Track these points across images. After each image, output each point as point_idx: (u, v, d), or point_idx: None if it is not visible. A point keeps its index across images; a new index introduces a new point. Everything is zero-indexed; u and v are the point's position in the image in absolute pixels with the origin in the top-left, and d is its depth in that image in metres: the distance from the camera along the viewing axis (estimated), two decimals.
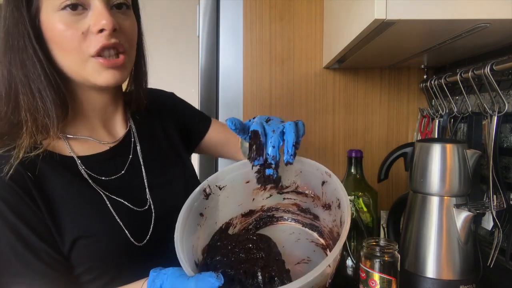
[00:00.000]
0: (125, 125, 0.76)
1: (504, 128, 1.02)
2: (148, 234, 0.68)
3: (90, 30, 0.60)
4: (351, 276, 0.98)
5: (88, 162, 0.67)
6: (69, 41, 0.60)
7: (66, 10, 0.59)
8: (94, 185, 0.66)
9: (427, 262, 0.88)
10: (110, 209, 0.65)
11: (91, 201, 0.65)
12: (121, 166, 0.71)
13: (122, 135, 0.75)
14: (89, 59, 0.62)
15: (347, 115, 1.47)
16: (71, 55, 0.61)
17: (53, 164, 0.63)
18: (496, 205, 0.91)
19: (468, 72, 0.99)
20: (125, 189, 0.69)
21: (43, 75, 0.61)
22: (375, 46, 0.96)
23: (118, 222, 0.65)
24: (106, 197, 0.66)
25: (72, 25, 0.60)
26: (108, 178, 0.68)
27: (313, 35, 1.44)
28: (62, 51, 0.62)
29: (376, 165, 1.05)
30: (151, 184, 0.73)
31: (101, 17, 0.59)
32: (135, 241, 0.66)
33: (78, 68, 0.62)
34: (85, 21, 0.60)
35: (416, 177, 0.93)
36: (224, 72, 1.44)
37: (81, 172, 0.66)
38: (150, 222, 0.70)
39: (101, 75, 0.62)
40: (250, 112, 1.46)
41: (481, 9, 0.71)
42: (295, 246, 0.70)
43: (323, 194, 0.66)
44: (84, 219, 0.63)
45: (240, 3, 1.43)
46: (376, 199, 1.03)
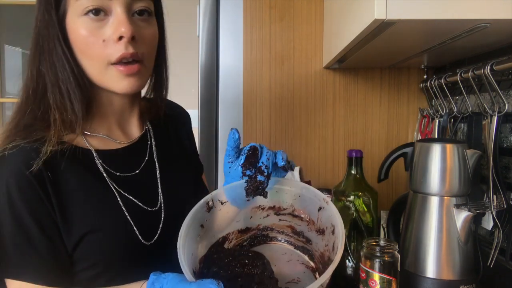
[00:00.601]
0: (140, 127, 0.78)
1: (504, 128, 1.02)
2: (157, 233, 0.70)
3: (110, 38, 0.62)
4: (351, 276, 0.98)
5: (104, 156, 0.69)
6: (91, 48, 0.62)
7: (88, 16, 0.61)
8: (109, 180, 0.68)
9: (427, 262, 0.88)
10: (121, 206, 0.67)
11: (104, 196, 0.66)
12: (136, 165, 0.73)
13: (137, 136, 0.77)
14: (109, 66, 0.63)
15: (347, 115, 1.47)
16: (93, 61, 0.64)
17: (71, 158, 0.65)
18: (496, 205, 0.91)
19: (468, 72, 0.99)
20: (138, 188, 0.71)
21: (72, 76, 0.63)
22: (375, 46, 0.96)
23: (128, 219, 0.66)
24: (118, 194, 0.67)
25: (94, 31, 0.61)
26: (122, 175, 0.70)
27: (313, 35, 1.44)
28: (85, 56, 0.64)
29: (376, 165, 1.05)
30: (163, 185, 0.75)
31: (121, 25, 0.61)
32: (143, 239, 0.67)
33: (98, 73, 0.65)
34: (106, 28, 0.62)
35: (416, 177, 0.93)
36: (224, 72, 1.44)
37: (98, 166, 0.68)
38: (159, 222, 0.71)
39: (120, 83, 0.64)
40: (250, 112, 1.46)
41: (481, 9, 0.71)
42: (286, 266, 0.71)
43: (318, 219, 0.68)
44: (94, 213, 0.65)
45: (240, 4, 1.43)
46: (376, 199, 1.03)
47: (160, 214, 0.72)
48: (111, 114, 0.72)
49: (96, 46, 0.62)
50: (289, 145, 1.48)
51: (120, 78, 0.64)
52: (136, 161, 0.74)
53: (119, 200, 0.67)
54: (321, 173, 1.48)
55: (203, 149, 1.44)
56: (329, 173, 1.48)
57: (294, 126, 1.47)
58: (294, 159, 1.48)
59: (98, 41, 0.62)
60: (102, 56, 0.62)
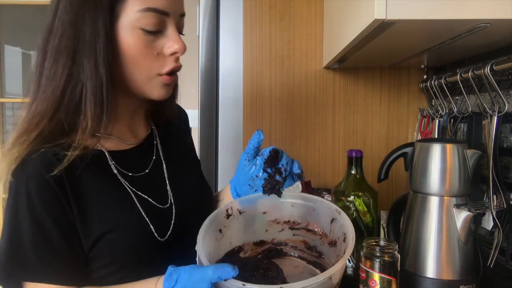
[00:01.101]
0: (146, 128, 0.81)
1: (504, 128, 1.02)
2: (169, 230, 0.72)
3: (163, 51, 0.66)
4: (351, 276, 0.98)
5: (116, 157, 0.71)
6: (144, 59, 0.65)
7: (144, 29, 0.64)
8: (123, 181, 0.69)
9: (427, 262, 0.88)
10: (137, 204, 0.69)
11: (120, 196, 0.68)
12: (145, 164, 0.76)
13: (143, 136, 0.79)
14: (155, 77, 0.68)
15: (347, 115, 1.47)
16: (141, 71, 0.66)
17: (87, 160, 0.66)
18: (496, 205, 0.91)
19: (468, 72, 0.99)
20: (150, 186, 0.73)
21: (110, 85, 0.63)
22: (375, 46, 0.96)
23: (144, 217, 0.68)
24: (133, 193, 0.69)
25: (149, 44, 0.65)
26: (134, 175, 0.72)
27: (313, 35, 1.44)
28: (134, 65, 0.65)
29: (376, 165, 1.05)
30: (171, 183, 0.77)
31: (175, 42, 0.66)
32: (158, 236, 0.69)
33: (142, 82, 0.67)
34: (160, 42, 0.66)
35: (416, 177, 0.93)
36: (224, 72, 1.44)
37: (111, 167, 0.69)
38: (171, 219, 0.73)
39: (160, 91, 0.69)
40: (250, 112, 1.46)
41: (481, 9, 0.71)
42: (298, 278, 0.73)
43: (330, 232, 0.71)
44: (113, 213, 0.66)
45: (240, 4, 1.43)
46: (376, 199, 1.03)
47: (171, 211, 0.74)
48: (123, 116, 0.74)
49: (150, 58, 0.65)
50: (289, 145, 1.48)
51: (162, 87, 0.69)
52: (145, 161, 0.76)
53: (134, 199, 0.69)
54: (321, 173, 1.48)
55: (203, 149, 1.44)
56: (329, 173, 1.48)
57: (294, 126, 1.47)
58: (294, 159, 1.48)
59: (152, 54, 0.65)
60: (154, 67, 0.66)
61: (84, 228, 0.64)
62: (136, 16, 0.62)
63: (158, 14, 0.64)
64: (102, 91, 0.62)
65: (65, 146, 0.63)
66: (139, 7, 0.62)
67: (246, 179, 0.74)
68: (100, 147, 0.69)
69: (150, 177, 0.75)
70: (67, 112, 0.63)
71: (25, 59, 2.05)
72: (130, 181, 0.71)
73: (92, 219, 0.64)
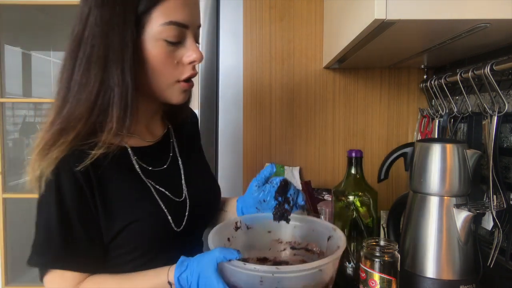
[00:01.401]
0: (162, 127, 0.88)
1: (504, 128, 1.02)
2: (184, 221, 0.78)
3: (182, 60, 0.74)
4: (351, 276, 0.98)
5: (137, 153, 0.77)
6: (165, 67, 0.72)
7: (166, 41, 0.71)
8: (143, 177, 0.76)
9: (427, 262, 0.88)
10: (156, 197, 0.75)
11: (141, 189, 0.75)
12: (163, 160, 0.82)
13: (160, 135, 0.86)
14: (175, 83, 0.75)
15: (347, 115, 1.47)
16: (162, 78, 0.73)
17: (108, 155, 0.71)
18: (496, 205, 0.91)
19: (468, 72, 0.99)
20: (167, 180, 0.79)
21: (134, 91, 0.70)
22: (375, 46, 0.96)
23: (163, 208, 0.75)
24: (152, 187, 0.76)
25: (170, 54, 0.72)
26: (154, 169, 0.79)
27: (313, 35, 1.44)
28: (156, 73, 0.72)
29: (376, 165, 1.05)
30: (186, 178, 0.84)
31: (194, 52, 0.73)
32: (174, 226, 0.76)
33: (163, 87, 0.75)
34: (180, 52, 0.73)
35: (416, 177, 0.93)
36: (224, 72, 1.44)
37: (133, 162, 0.76)
38: (186, 211, 0.80)
39: (179, 96, 0.77)
40: (250, 112, 1.47)
41: (481, 9, 0.71)
42: None
43: (327, 249, 0.77)
44: (135, 205, 0.73)
45: (240, 4, 1.43)
46: (376, 199, 1.03)
47: (186, 204, 0.80)
48: (144, 117, 0.82)
49: (170, 66, 0.73)
50: (289, 145, 1.48)
51: (181, 92, 0.76)
52: (163, 157, 0.83)
53: (153, 192, 0.75)
54: (321, 173, 1.48)
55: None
56: (329, 173, 1.48)
57: (294, 126, 1.47)
58: (294, 159, 1.48)
59: (172, 62, 0.73)
60: (174, 74, 0.74)
61: (108, 219, 0.70)
62: (159, 29, 0.69)
63: (178, 27, 0.71)
64: (127, 96, 0.69)
65: (92, 145, 0.69)
66: (162, 21, 0.69)
67: (254, 203, 0.83)
68: (124, 144, 0.75)
69: (168, 172, 0.81)
70: (98, 115, 0.69)
71: (25, 59, 2.05)
72: (149, 175, 0.77)
73: (117, 211, 0.71)
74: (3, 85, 1.82)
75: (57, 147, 0.68)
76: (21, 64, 2.05)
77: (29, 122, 2.04)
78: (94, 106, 0.68)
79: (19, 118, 2.01)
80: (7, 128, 1.89)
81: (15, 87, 2.01)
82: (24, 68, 2.05)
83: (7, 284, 1.82)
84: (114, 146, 0.71)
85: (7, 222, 1.81)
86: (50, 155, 0.67)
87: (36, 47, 2.09)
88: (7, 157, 1.84)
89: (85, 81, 0.68)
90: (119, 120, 0.69)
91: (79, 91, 0.69)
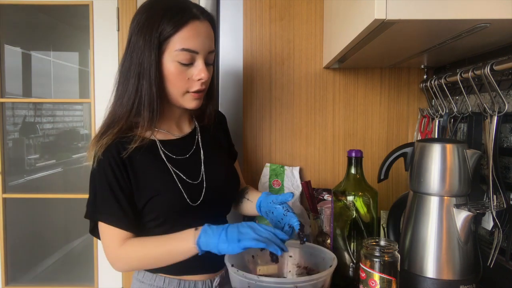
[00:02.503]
0: (190, 125, 1.10)
1: (504, 128, 1.02)
2: (200, 198, 0.97)
3: (192, 77, 0.94)
4: (351, 276, 0.98)
5: (165, 144, 1.00)
6: (178, 82, 0.93)
7: (181, 62, 0.91)
8: (167, 162, 0.98)
9: (427, 262, 0.88)
10: (175, 178, 0.96)
11: (163, 172, 0.96)
12: (186, 151, 1.03)
13: (188, 131, 1.08)
14: (186, 93, 0.96)
15: (347, 115, 1.47)
16: (176, 89, 0.95)
17: (143, 146, 0.94)
18: (496, 205, 0.91)
19: (468, 72, 0.99)
20: (186, 167, 1.00)
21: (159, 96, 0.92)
22: (375, 46, 0.96)
23: (180, 187, 0.95)
24: (173, 172, 0.97)
25: (183, 72, 0.93)
26: (177, 157, 1.00)
27: (313, 35, 1.44)
28: (172, 85, 0.94)
29: (376, 165, 1.05)
30: (206, 166, 1.03)
31: (201, 72, 0.93)
32: (190, 202, 0.95)
33: (177, 96, 0.96)
34: (190, 71, 0.94)
35: (416, 177, 0.93)
36: (224, 72, 1.44)
37: (160, 152, 0.98)
38: (202, 191, 0.99)
39: (191, 103, 0.97)
40: (250, 112, 1.47)
41: (481, 9, 0.71)
42: None
43: None
44: (159, 183, 0.95)
45: (240, 3, 1.43)
46: (376, 199, 1.03)
47: (202, 185, 1.00)
48: (172, 117, 1.04)
49: (182, 81, 0.94)
50: (289, 145, 1.48)
51: (192, 100, 0.97)
52: (187, 148, 1.04)
53: (173, 175, 0.96)
54: (321, 173, 1.48)
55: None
56: (329, 173, 1.48)
57: (294, 126, 1.47)
58: (294, 159, 1.49)
59: (184, 78, 0.94)
60: (184, 87, 0.95)
61: (138, 192, 0.93)
62: (175, 53, 0.90)
63: (190, 52, 0.91)
64: (154, 102, 0.92)
65: (130, 137, 0.94)
66: (178, 48, 0.90)
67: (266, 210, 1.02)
68: (154, 138, 0.98)
69: (189, 160, 1.02)
70: (134, 116, 0.94)
71: (25, 59, 2.05)
72: (172, 162, 0.98)
73: (144, 186, 0.94)
74: (3, 85, 1.81)
75: (106, 136, 0.93)
76: (21, 64, 2.05)
77: (29, 122, 2.04)
78: (131, 109, 0.93)
79: (19, 118, 2.01)
80: (7, 128, 1.89)
81: (15, 87, 2.00)
82: (24, 68, 2.05)
83: (7, 284, 1.82)
84: (146, 139, 0.95)
85: (7, 222, 1.81)
86: (101, 141, 0.92)
87: (36, 47, 2.09)
88: (7, 157, 1.84)
89: (125, 90, 0.93)
90: (148, 120, 0.92)
91: (121, 97, 0.94)
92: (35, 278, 1.93)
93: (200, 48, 0.92)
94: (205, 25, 0.94)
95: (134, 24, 0.93)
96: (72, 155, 2.03)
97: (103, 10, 1.67)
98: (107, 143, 0.92)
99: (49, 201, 1.92)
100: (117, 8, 1.66)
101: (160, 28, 0.89)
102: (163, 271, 0.99)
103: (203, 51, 0.93)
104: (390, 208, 1.08)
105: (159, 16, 0.90)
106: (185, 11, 0.91)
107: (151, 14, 0.91)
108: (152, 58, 0.90)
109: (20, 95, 2.07)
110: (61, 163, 2.05)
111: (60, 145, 2.13)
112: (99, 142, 0.93)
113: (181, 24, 0.90)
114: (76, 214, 1.96)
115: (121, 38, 1.67)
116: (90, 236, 1.75)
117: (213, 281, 1.02)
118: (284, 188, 1.44)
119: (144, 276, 1.01)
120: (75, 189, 1.92)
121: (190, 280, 1.00)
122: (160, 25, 0.89)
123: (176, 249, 0.89)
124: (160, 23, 0.89)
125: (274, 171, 1.46)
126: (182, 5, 0.93)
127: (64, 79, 2.01)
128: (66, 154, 2.04)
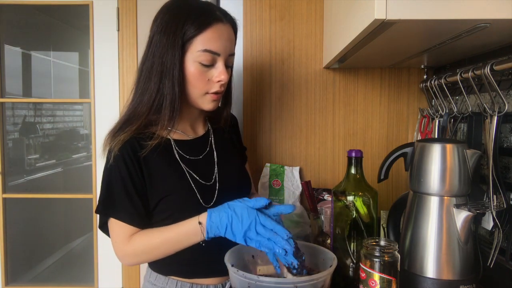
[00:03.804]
0: (204, 127, 1.10)
1: (504, 128, 1.02)
2: (213, 199, 0.97)
3: (212, 79, 0.94)
4: (351, 276, 0.98)
5: (179, 144, 1.00)
6: (199, 83, 0.94)
7: (202, 63, 0.92)
8: (181, 162, 0.98)
9: (427, 262, 0.88)
10: (188, 178, 0.96)
11: (177, 172, 0.96)
12: (200, 152, 1.04)
13: (202, 133, 1.08)
14: (206, 95, 0.96)
15: (347, 115, 1.47)
16: (196, 90, 0.95)
17: (158, 145, 0.94)
18: (496, 205, 0.91)
19: (468, 72, 0.99)
20: (200, 168, 1.00)
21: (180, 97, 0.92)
22: (375, 46, 0.96)
23: (193, 187, 0.95)
24: (187, 172, 0.97)
25: (203, 73, 0.93)
26: (190, 158, 1.00)
27: (313, 35, 1.44)
28: (192, 85, 0.94)
29: (376, 165, 1.05)
30: (218, 167, 1.04)
31: (221, 74, 0.94)
32: (203, 202, 0.95)
33: (196, 97, 0.96)
34: (211, 72, 0.94)
35: (416, 177, 0.93)
36: None
37: (174, 152, 0.98)
38: (215, 192, 0.99)
39: (209, 104, 0.98)
40: (250, 112, 1.47)
41: (481, 9, 0.71)
42: None
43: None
44: (172, 183, 0.95)
45: (240, 3, 1.43)
46: (376, 199, 1.03)
47: (215, 186, 1.00)
48: (188, 119, 1.05)
49: (203, 82, 0.94)
50: (289, 145, 1.48)
51: (210, 102, 0.98)
52: (201, 149, 1.05)
53: (187, 175, 0.96)
54: (321, 173, 1.48)
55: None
56: (329, 173, 1.48)
57: (294, 126, 1.47)
58: (294, 159, 1.49)
59: (204, 79, 0.94)
60: (204, 88, 0.95)
61: (152, 190, 0.93)
62: (197, 54, 0.91)
63: (211, 54, 0.91)
64: (175, 102, 0.92)
65: (147, 133, 0.95)
66: (200, 48, 0.90)
67: None
68: (169, 137, 0.99)
69: (203, 161, 1.02)
70: (153, 114, 0.94)
71: (25, 59, 2.05)
72: (186, 162, 0.98)
73: (158, 185, 0.94)
74: (3, 85, 1.81)
75: (124, 132, 0.93)
76: (21, 64, 2.05)
77: (29, 122, 2.04)
78: (151, 107, 0.92)
79: (19, 118, 2.01)
80: (7, 128, 1.89)
81: (15, 87, 2.00)
82: (24, 68, 2.05)
83: (7, 284, 1.82)
84: (162, 139, 0.95)
85: (7, 222, 1.81)
86: (119, 137, 0.92)
87: (36, 47, 2.09)
88: (7, 157, 1.84)
89: (147, 88, 0.93)
90: (168, 118, 0.92)
91: (142, 95, 0.93)
92: (35, 278, 1.93)
93: (222, 50, 0.93)
94: (227, 27, 0.95)
95: (158, 23, 0.93)
96: (72, 155, 2.03)
97: (103, 10, 1.67)
98: (124, 140, 0.92)
99: (49, 201, 1.92)
100: (117, 8, 1.65)
101: (184, 28, 0.90)
102: (175, 274, 0.99)
103: (224, 53, 0.94)
104: (390, 208, 1.08)
105: (184, 16, 0.90)
106: (209, 13, 0.92)
107: (175, 14, 0.91)
108: (176, 57, 0.90)
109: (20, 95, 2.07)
110: (61, 163, 2.05)
111: (60, 145, 2.13)
112: (116, 138, 0.93)
113: (205, 26, 0.90)
114: (76, 214, 1.96)
115: (121, 38, 1.67)
116: (90, 236, 1.75)
117: (224, 285, 1.01)
118: (284, 188, 1.44)
119: (156, 279, 1.00)
120: (75, 189, 1.92)
121: (202, 284, 0.99)
122: (184, 25, 0.90)
123: (182, 231, 0.89)
124: (184, 24, 0.90)
125: (274, 171, 1.46)
126: (206, 7, 0.94)
127: (64, 79, 2.01)
128: (66, 154, 2.04)
